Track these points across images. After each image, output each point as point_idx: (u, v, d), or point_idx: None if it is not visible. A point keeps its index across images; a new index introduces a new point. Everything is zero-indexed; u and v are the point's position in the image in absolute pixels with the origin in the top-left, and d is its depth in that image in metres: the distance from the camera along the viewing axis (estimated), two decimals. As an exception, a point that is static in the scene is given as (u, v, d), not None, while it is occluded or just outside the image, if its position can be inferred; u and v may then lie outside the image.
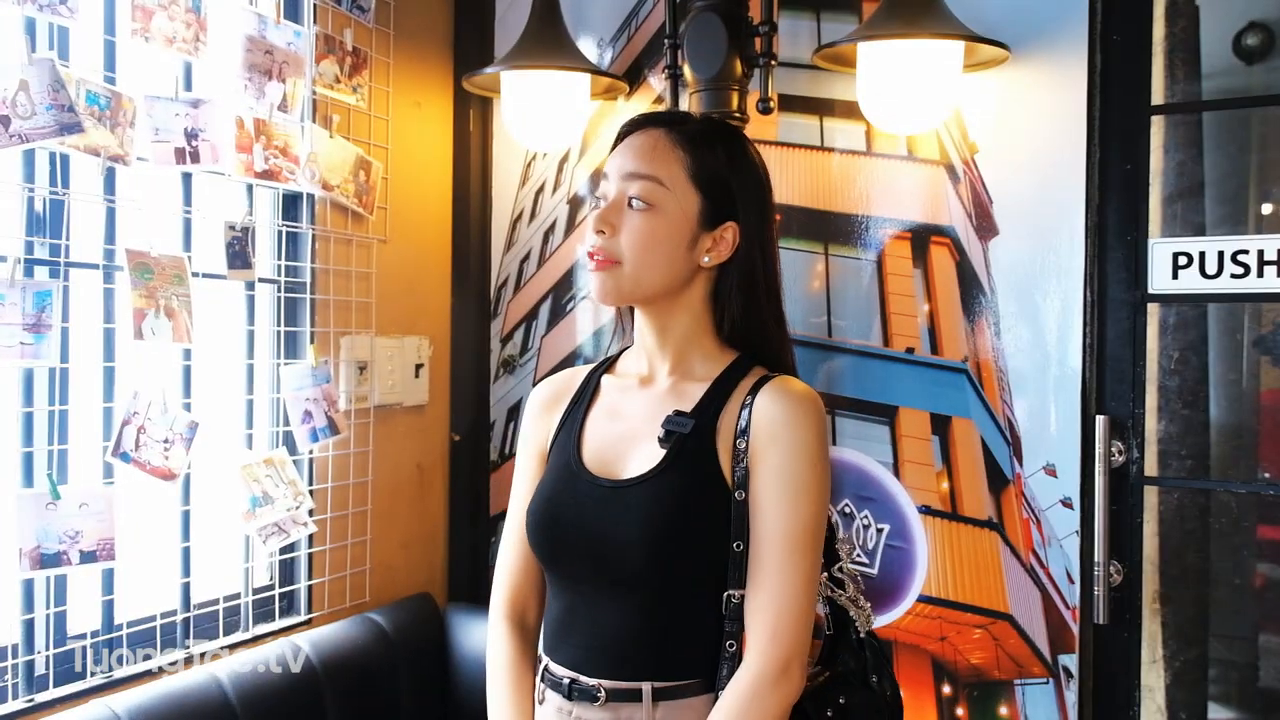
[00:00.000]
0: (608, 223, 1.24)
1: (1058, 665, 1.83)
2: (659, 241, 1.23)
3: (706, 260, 1.26)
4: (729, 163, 1.27)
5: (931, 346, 1.92)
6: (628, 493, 1.22)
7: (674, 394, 1.27)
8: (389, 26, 2.13)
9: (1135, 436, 1.79)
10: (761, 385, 1.23)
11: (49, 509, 1.51)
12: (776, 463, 1.19)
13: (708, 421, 1.23)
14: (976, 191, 1.89)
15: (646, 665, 1.20)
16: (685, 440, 1.22)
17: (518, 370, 2.32)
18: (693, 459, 1.21)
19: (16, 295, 1.46)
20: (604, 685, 1.20)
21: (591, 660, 1.22)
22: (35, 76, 1.46)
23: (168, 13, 1.66)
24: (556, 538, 1.25)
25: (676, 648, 1.20)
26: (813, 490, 1.19)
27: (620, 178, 1.25)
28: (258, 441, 1.89)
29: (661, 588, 1.20)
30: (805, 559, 1.18)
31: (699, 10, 1.88)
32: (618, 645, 1.21)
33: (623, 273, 1.23)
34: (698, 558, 1.20)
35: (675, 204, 1.24)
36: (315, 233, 1.98)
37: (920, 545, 1.92)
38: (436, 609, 2.18)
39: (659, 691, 1.19)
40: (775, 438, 1.19)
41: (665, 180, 1.24)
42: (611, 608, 1.21)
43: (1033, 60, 1.83)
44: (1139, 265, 1.78)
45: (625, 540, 1.19)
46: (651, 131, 1.27)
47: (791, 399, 1.21)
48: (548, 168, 2.30)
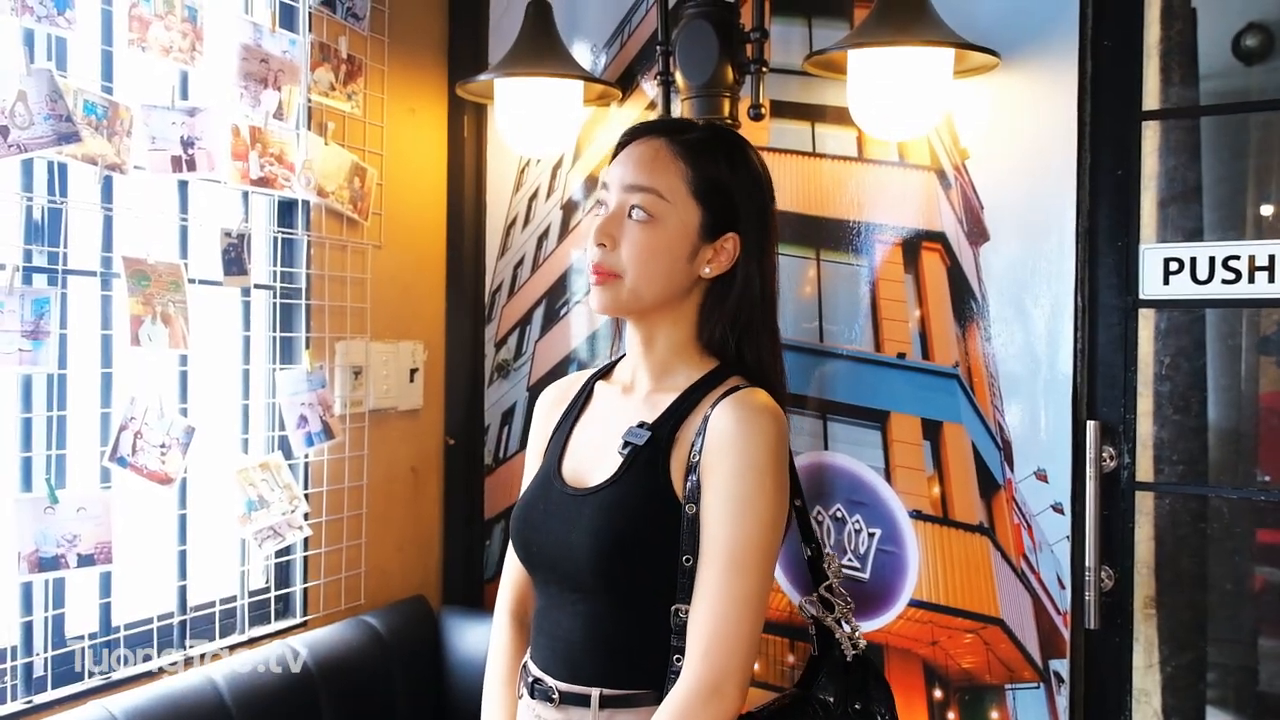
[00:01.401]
0: (608, 235, 1.24)
1: (1049, 670, 1.83)
2: (659, 254, 1.23)
3: (707, 271, 1.26)
4: (731, 173, 1.27)
5: (923, 351, 1.93)
6: (584, 501, 1.23)
7: (647, 404, 1.28)
8: (384, 34, 2.15)
9: (1127, 441, 1.80)
10: (725, 397, 1.22)
11: (47, 513, 1.53)
12: (723, 477, 1.17)
13: (665, 433, 1.23)
14: (968, 197, 1.89)
15: (597, 671, 1.21)
16: (640, 451, 1.22)
17: (511, 375, 2.34)
18: (643, 471, 1.21)
19: (15, 302, 1.48)
20: (559, 687, 1.23)
21: (554, 662, 1.25)
22: (33, 87, 1.48)
23: (164, 22, 1.67)
24: (527, 543, 1.28)
25: (626, 656, 1.21)
26: (759, 506, 1.16)
27: (621, 188, 1.25)
28: (253, 446, 1.91)
29: (610, 596, 1.21)
30: (748, 577, 1.15)
31: (691, 17, 1.89)
32: (572, 649, 1.23)
33: (623, 285, 1.23)
34: (645, 569, 1.19)
35: (676, 216, 1.23)
36: (310, 239, 1.99)
37: (911, 550, 1.93)
38: (431, 612, 2.20)
39: (607, 698, 1.20)
40: (724, 452, 1.17)
41: (665, 192, 1.23)
42: (570, 611, 1.23)
43: (1024, 66, 1.83)
44: (1130, 271, 1.78)
45: (575, 548, 1.21)
46: (652, 141, 1.27)
47: (745, 412, 1.19)
48: (541, 173, 2.31)
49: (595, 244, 1.24)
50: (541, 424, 1.42)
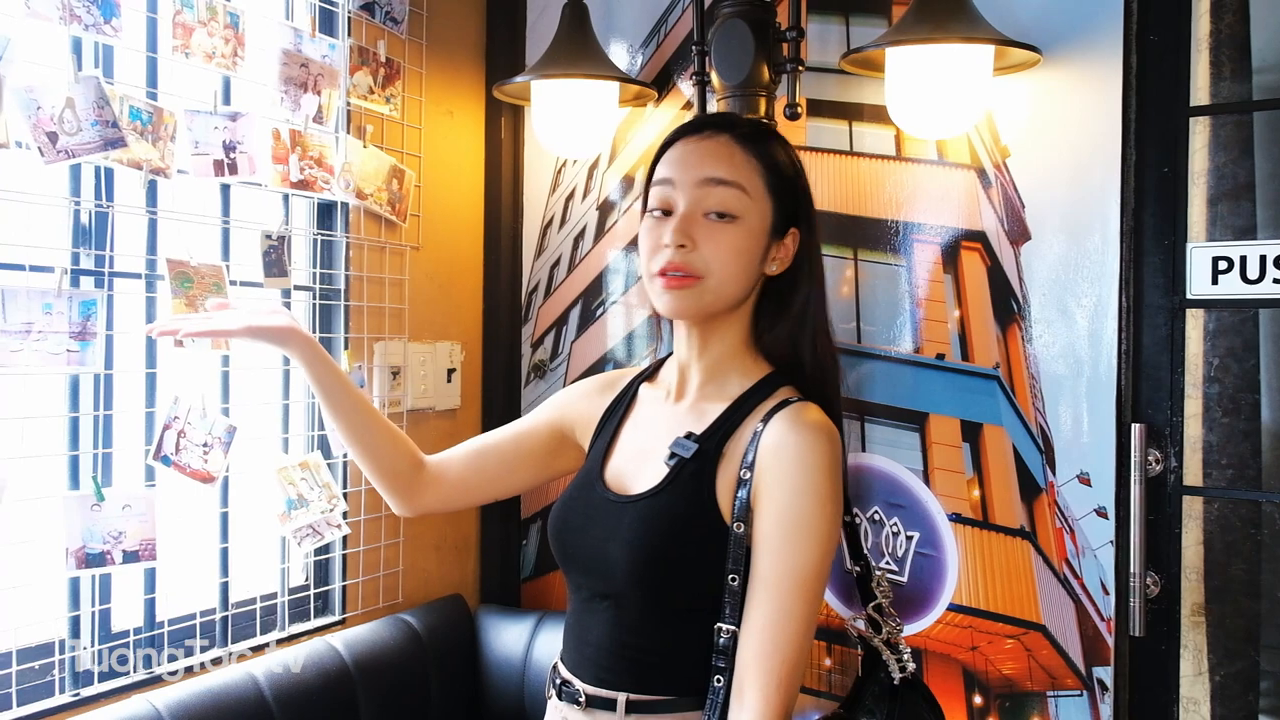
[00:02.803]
0: (688, 235, 1.17)
1: (1092, 678, 1.80)
2: (743, 254, 1.19)
3: (773, 269, 1.23)
4: (793, 165, 1.24)
5: (962, 352, 1.90)
6: (625, 509, 1.21)
7: (694, 412, 1.25)
8: (421, 37, 2.17)
9: (1173, 444, 1.76)
10: (776, 412, 1.18)
11: (94, 510, 1.56)
12: (781, 500, 1.13)
13: (713, 446, 1.20)
14: (1009, 195, 1.86)
15: (624, 677, 1.20)
16: (686, 464, 1.20)
17: (548, 375, 2.35)
18: (688, 484, 1.19)
19: (63, 305, 1.51)
20: (586, 691, 1.22)
21: (583, 665, 1.24)
22: (81, 94, 1.51)
23: (207, 29, 1.70)
24: (564, 544, 1.27)
25: (656, 665, 1.19)
26: (819, 530, 1.13)
27: (694, 185, 1.19)
28: (294, 445, 1.94)
29: (643, 606, 1.19)
30: (808, 604, 1.12)
31: (726, 16, 1.88)
32: (601, 654, 1.22)
33: (706, 287, 1.18)
34: (683, 582, 1.17)
35: (755, 213, 1.19)
36: (350, 241, 2.02)
37: (951, 553, 1.91)
38: (467, 610, 2.21)
39: (633, 704, 1.19)
40: (780, 473, 1.13)
41: (748, 187, 1.19)
42: (602, 617, 1.22)
43: (1066, 62, 1.80)
44: (1177, 270, 1.74)
45: (613, 556, 1.19)
46: (716, 136, 1.22)
47: (801, 432, 1.15)
48: (578, 174, 2.32)
49: (675, 245, 1.17)
50: (586, 397, 1.39)
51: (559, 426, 1.42)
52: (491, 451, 1.44)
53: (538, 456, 1.43)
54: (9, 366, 1.45)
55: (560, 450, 1.42)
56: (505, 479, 1.44)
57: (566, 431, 1.42)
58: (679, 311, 1.20)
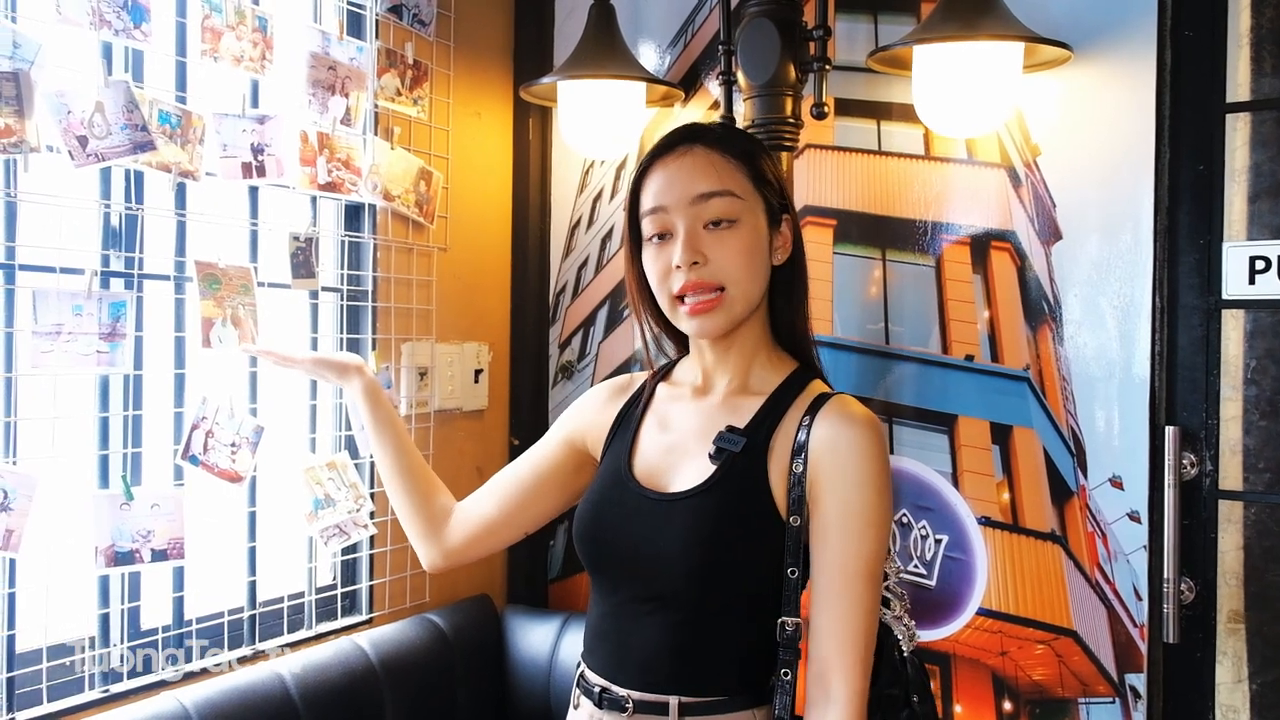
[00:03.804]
0: (698, 252, 1.19)
1: (1124, 685, 1.77)
2: (753, 254, 1.21)
3: (779, 259, 1.26)
4: (766, 157, 1.27)
5: (992, 354, 1.87)
6: (673, 507, 1.20)
7: (726, 408, 1.25)
8: (449, 39, 2.18)
9: (1209, 448, 1.72)
10: (820, 405, 1.20)
11: (123, 509, 1.58)
12: (842, 493, 1.15)
13: (760, 440, 1.20)
14: (1039, 195, 1.84)
15: (676, 679, 1.19)
16: (735, 459, 1.20)
17: (575, 375, 2.35)
18: (742, 478, 1.19)
19: (93, 306, 1.53)
20: (633, 696, 1.20)
21: (624, 670, 1.22)
22: (111, 98, 1.53)
23: (236, 33, 1.72)
24: (600, 545, 1.25)
25: (708, 665, 1.19)
26: (879, 522, 1.16)
27: (686, 204, 1.21)
28: (321, 445, 1.95)
29: (698, 605, 1.18)
30: (875, 592, 1.16)
31: (752, 16, 1.87)
32: (650, 657, 1.20)
33: (732, 299, 1.20)
34: (738, 578, 1.18)
35: (750, 212, 1.22)
36: (377, 242, 2.03)
37: (980, 557, 1.88)
38: (495, 611, 2.21)
39: (686, 706, 1.18)
40: (840, 468, 1.16)
41: (739, 191, 1.21)
42: (647, 620, 1.20)
43: (1098, 58, 1.77)
44: (1212, 270, 1.71)
45: (667, 555, 1.18)
46: (690, 150, 1.23)
47: (855, 426, 1.17)
48: (605, 174, 2.31)
49: (687, 265, 1.19)
50: (596, 408, 1.39)
51: (574, 443, 1.41)
52: (513, 483, 1.44)
53: (560, 478, 1.42)
54: (40, 367, 1.47)
55: (581, 467, 1.41)
56: (532, 508, 1.43)
57: (581, 446, 1.41)
58: (712, 331, 1.22)
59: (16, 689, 1.48)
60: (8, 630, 1.47)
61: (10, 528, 1.43)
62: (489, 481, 1.47)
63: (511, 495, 1.43)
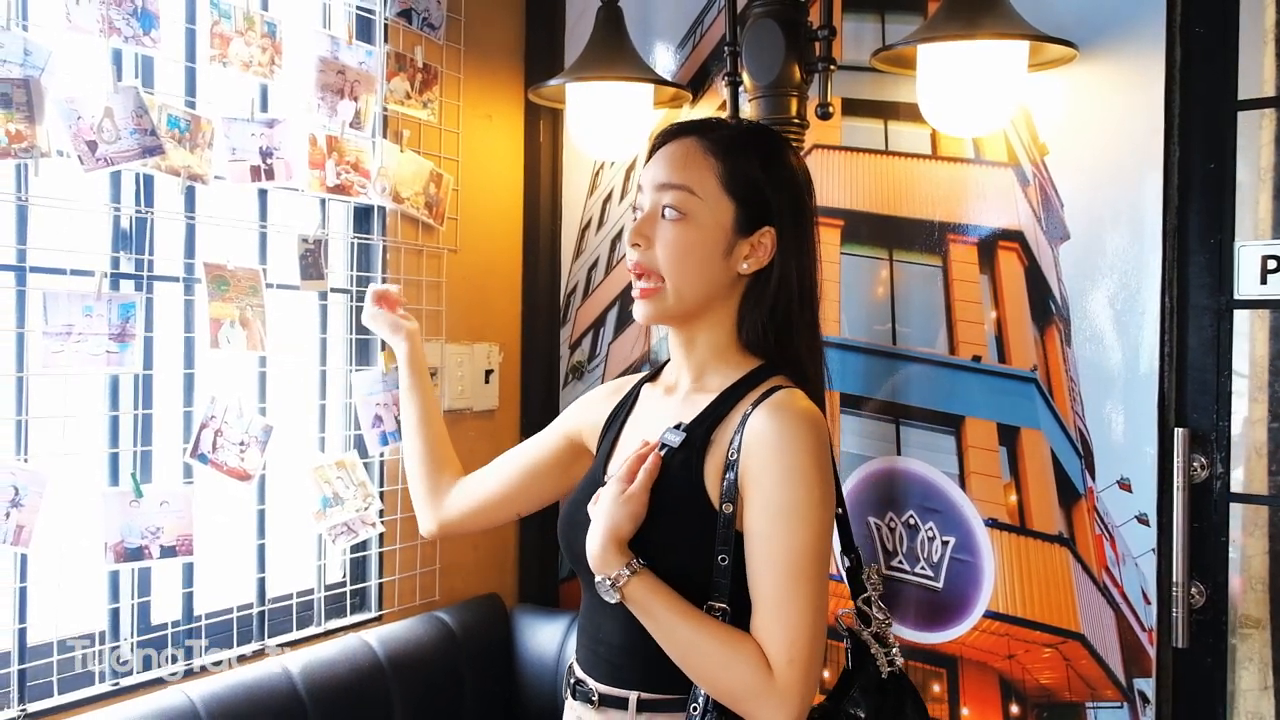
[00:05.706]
0: (643, 235, 1.25)
1: (1133, 689, 1.75)
2: (692, 250, 1.23)
3: (745, 267, 1.25)
4: (763, 167, 1.26)
5: (999, 354, 1.86)
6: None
7: (686, 404, 1.28)
8: (459, 42, 2.19)
9: (1219, 450, 1.69)
10: (764, 399, 1.20)
11: (132, 506, 1.61)
12: (769, 486, 1.15)
13: (701, 435, 1.22)
14: (1047, 194, 1.82)
15: (635, 675, 1.22)
16: (675, 453, 1.22)
17: (586, 376, 2.36)
18: (677, 473, 1.21)
19: (103, 307, 1.56)
20: (598, 689, 1.24)
21: (596, 664, 1.26)
22: (120, 103, 1.56)
23: (245, 38, 1.75)
24: (570, 543, 1.29)
25: (664, 660, 1.19)
26: (809, 515, 1.14)
27: (653, 189, 1.26)
28: (330, 444, 1.98)
29: None
30: (809, 585, 1.13)
31: (757, 16, 1.87)
32: (612, 652, 1.24)
33: (666, 291, 1.24)
34: (678, 571, 1.18)
35: (708, 212, 1.23)
36: (386, 244, 2.05)
37: (987, 559, 1.87)
38: (504, 609, 2.23)
39: (644, 702, 1.21)
40: (766, 459, 1.15)
41: (695, 188, 1.23)
42: (610, 614, 1.23)
43: (1105, 56, 1.75)
44: (1224, 269, 1.68)
45: None
46: (683, 140, 1.27)
47: (784, 418, 1.16)
48: (615, 176, 2.32)
49: (630, 244, 1.25)
50: (592, 405, 1.46)
51: (572, 437, 1.49)
52: (514, 465, 1.53)
53: (558, 467, 1.50)
54: (51, 367, 1.51)
55: (577, 459, 1.48)
56: (528, 491, 1.52)
57: (579, 441, 1.48)
58: (646, 318, 1.27)
59: (28, 681, 1.52)
60: (19, 624, 1.50)
61: (22, 523, 1.47)
62: (492, 462, 1.56)
63: (511, 476, 1.52)
